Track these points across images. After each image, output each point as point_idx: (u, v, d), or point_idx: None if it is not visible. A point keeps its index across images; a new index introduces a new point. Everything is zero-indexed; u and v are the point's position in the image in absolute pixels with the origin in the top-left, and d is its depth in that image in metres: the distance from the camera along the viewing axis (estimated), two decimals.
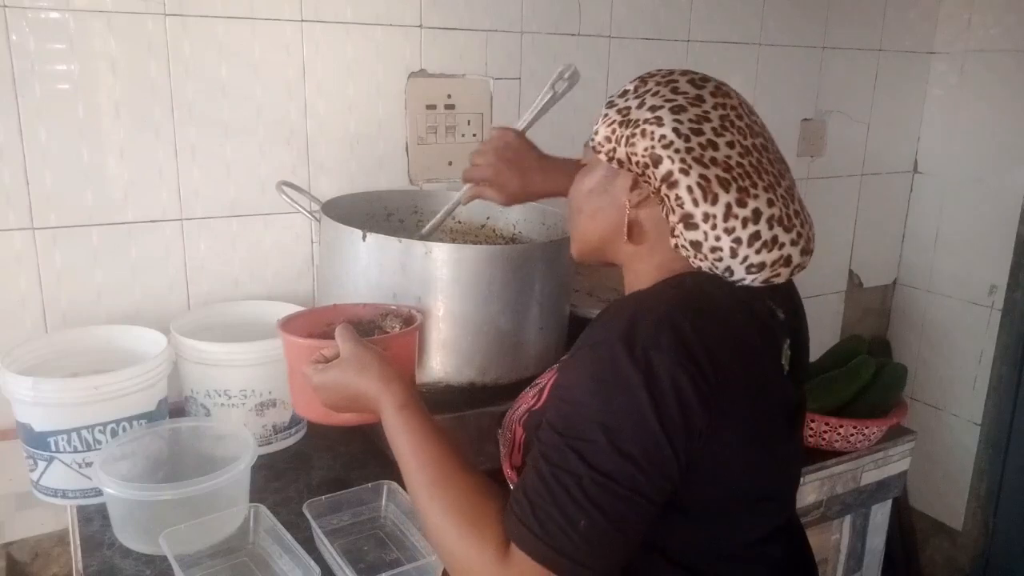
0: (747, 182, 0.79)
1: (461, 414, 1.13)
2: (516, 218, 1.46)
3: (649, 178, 0.82)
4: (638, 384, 0.71)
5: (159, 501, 0.95)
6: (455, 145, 1.57)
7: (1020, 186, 2.09)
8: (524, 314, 1.18)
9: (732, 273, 0.82)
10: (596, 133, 0.87)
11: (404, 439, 0.83)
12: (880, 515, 1.61)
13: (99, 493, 1.01)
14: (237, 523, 1.01)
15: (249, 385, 1.17)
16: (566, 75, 1.20)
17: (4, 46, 1.17)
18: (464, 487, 0.79)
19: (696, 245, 0.80)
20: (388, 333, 1.02)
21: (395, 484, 1.06)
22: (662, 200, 0.82)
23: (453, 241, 1.46)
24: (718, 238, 0.79)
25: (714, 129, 0.81)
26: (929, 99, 2.27)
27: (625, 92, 0.87)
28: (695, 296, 0.79)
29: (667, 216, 0.82)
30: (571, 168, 1.23)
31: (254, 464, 1.03)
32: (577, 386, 0.75)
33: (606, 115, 0.86)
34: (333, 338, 0.93)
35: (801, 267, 0.84)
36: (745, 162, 0.80)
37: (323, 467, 1.20)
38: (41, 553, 1.34)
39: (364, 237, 1.12)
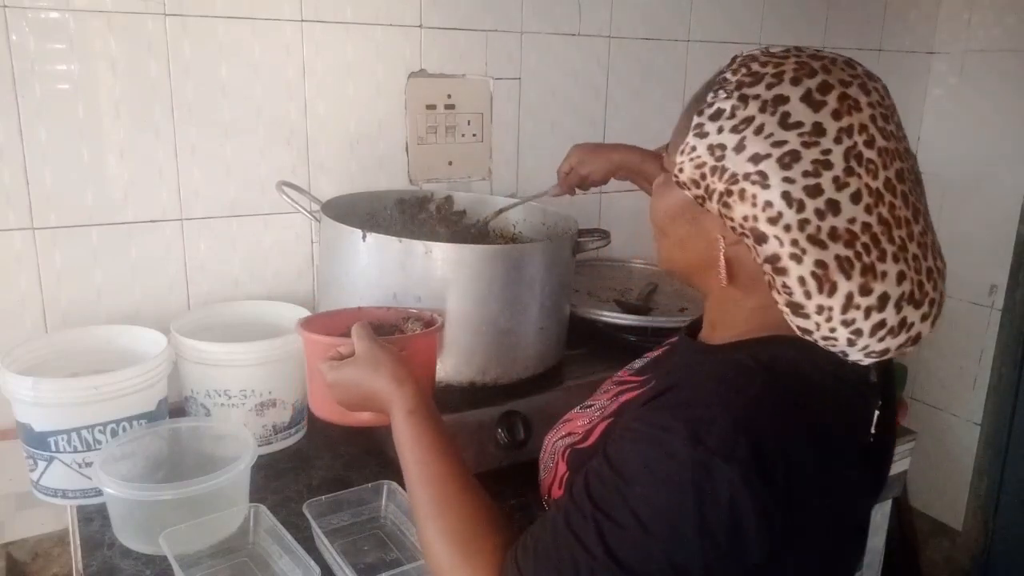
0: (874, 254, 0.65)
1: (461, 414, 1.13)
2: (516, 218, 1.46)
3: (748, 247, 0.68)
4: (689, 493, 0.61)
5: (159, 501, 0.95)
6: (455, 145, 1.57)
7: (1020, 186, 2.09)
8: (524, 314, 1.18)
9: (847, 356, 0.70)
10: (680, 169, 0.71)
11: (410, 448, 0.81)
12: (880, 515, 1.62)
13: (99, 493, 1.00)
14: (237, 523, 1.01)
15: (249, 385, 1.17)
16: None
17: (4, 46, 1.16)
18: (465, 513, 0.76)
19: (805, 332, 0.69)
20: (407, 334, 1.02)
21: (395, 484, 1.06)
22: (764, 269, 0.68)
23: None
24: (833, 330, 0.67)
25: (836, 180, 0.64)
26: (929, 99, 2.27)
27: (719, 111, 0.68)
28: (788, 384, 0.67)
29: (770, 285, 0.69)
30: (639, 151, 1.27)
31: (254, 464, 1.02)
32: (627, 463, 0.66)
33: (693, 147, 0.69)
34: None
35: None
36: (873, 219, 0.65)
37: (323, 467, 1.20)
38: (41, 553, 1.34)
39: (364, 237, 1.12)
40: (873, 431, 0.76)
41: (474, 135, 1.58)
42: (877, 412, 0.76)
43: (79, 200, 1.26)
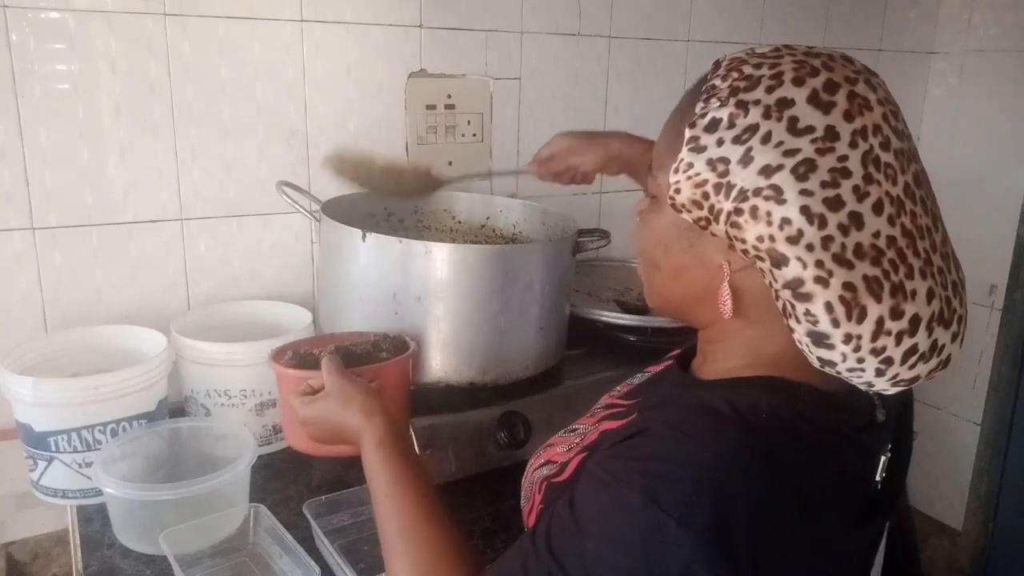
0: (902, 272, 0.58)
1: (461, 414, 1.13)
2: (516, 218, 1.46)
3: (763, 271, 0.61)
4: (640, 555, 0.57)
5: (159, 501, 0.95)
6: (455, 145, 1.57)
7: (1020, 186, 2.09)
8: (524, 314, 1.18)
9: (872, 386, 0.63)
10: (677, 190, 0.63)
11: (379, 479, 0.81)
12: None
13: (99, 493, 1.00)
14: (237, 523, 1.01)
15: (249, 385, 1.17)
16: None
17: (4, 46, 1.16)
18: (430, 547, 0.75)
19: (828, 364, 0.62)
20: (379, 362, 1.02)
21: None
22: (777, 295, 0.61)
23: (453, 241, 1.46)
24: (861, 360, 0.60)
25: (856, 189, 0.57)
26: (929, 99, 2.27)
27: (716, 121, 0.60)
28: (766, 437, 0.59)
29: (785, 313, 0.61)
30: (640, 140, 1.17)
31: (254, 464, 1.03)
32: (584, 513, 0.61)
33: (689, 164, 0.61)
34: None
35: None
36: (897, 230, 0.58)
37: (323, 467, 1.20)
38: (41, 553, 1.34)
39: (364, 237, 1.12)
40: (880, 477, 0.69)
41: (474, 135, 1.59)
42: (885, 457, 0.69)
43: (79, 200, 1.26)
